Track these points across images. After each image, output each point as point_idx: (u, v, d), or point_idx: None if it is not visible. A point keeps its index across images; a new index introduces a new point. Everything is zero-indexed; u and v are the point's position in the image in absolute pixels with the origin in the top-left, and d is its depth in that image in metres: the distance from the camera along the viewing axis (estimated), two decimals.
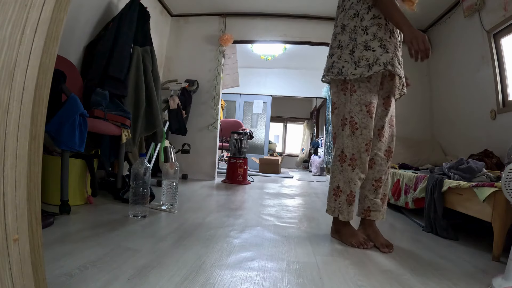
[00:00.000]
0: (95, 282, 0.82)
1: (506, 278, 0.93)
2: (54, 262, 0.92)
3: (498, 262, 1.24)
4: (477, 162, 1.68)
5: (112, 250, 1.07)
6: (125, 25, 2.29)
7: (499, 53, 2.49)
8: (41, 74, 0.53)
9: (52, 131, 1.48)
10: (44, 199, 1.67)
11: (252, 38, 3.86)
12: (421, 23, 3.60)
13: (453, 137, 3.18)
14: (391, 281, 0.97)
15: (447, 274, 1.06)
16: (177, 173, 1.88)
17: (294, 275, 0.97)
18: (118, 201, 1.95)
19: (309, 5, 3.53)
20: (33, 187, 0.54)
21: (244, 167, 3.55)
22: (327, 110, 5.86)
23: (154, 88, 2.51)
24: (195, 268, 0.97)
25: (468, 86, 2.90)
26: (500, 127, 2.44)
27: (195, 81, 3.58)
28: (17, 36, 0.49)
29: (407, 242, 1.50)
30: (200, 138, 3.67)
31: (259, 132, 7.26)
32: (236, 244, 1.26)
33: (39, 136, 0.55)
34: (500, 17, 2.37)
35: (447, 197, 1.64)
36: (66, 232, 1.27)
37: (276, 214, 1.94)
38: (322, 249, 1.28)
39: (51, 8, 0.53)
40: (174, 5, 3.67)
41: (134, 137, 2.34)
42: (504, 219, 1.24)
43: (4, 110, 0.48)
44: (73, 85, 1.92)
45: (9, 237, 0.49)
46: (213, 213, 1.82)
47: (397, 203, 2.21)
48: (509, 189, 1.00)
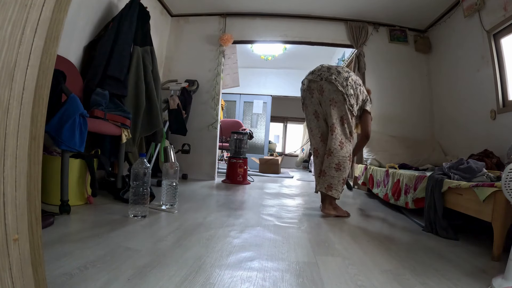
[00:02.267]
0: (95, 282, 0.82)
1: (506, 278, 0.93)
2: (54, 262, 0.92)
3: (498, 262, 1.24)
4: (477, 162, 1.68)
5: (112, 250, 1.07)
6: (125, 25, 2.29)
7: (499, 53, 2.49)
8: (41, 74, 0.53)
9: (52, 131, 1.48)
10: (44, 199, 1.67)
11: (252, 38, 3.87)
12: (421, 23, 3.60)
13: (453, 137, 3.18)
14: (391, 281, 0.97)
15: (447, 274, 1.06)
16: (177, 173, 1.88)
17: (294, 275, 0.97)
18: (118, 201, 1.95)
19: (309, 5, 3.53)
20: (33, 187, 0.54)
21: (244, 167, 3.55)
22: None
23: (154, 88, 2.51)
24: (195, 268, 0.97)
25: (468, 86, 2.91)
26: (500, 127, 2.45)
27: (195, 81, 3.58)
28: (17, 36, 0.49)
29: (407, 242, 1.50)
30: (200, 138, 3.68)
31: (259, 132, 7.26)
32: (236, 244, 1.26)
33: (39, 136, 0.55)
34: (500, 17, 2.38)
35: (447, 197, 1.64)
36: (66, 232, 1.27)
37: (276, 214, 1.94)
38: (322, 249, 1.28)
39: (51, 8, 0.53)
40: (174, 5, 3.67)
41: (134, 137, 2.34)
42: (504, 219, 1.24)
43: (4, 110, 0.48)
44: (73, 85, 1.92)
45: (9, 237, 0.49)
46: (213, 213, 1.82)
47: (397, 203, 2.21)
48: (509, 189, 1.00)
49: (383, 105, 3.63)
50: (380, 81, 3.66)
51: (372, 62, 3.65)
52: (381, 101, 3.64)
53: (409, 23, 3.65)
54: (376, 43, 3.70)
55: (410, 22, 3.64)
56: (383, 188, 2.54)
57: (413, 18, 3.52)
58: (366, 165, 3.19)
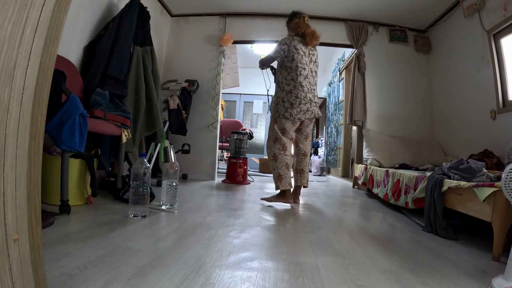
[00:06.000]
0: (95, 282, 0.82)
1: (506, 278, 0.93)
2: (54, 262, 0.92)
3: (498, 262, 1.24)
4: (477, 162, 1.68)
5: (112, 250, 1.07)
6: (125, 25, 2.29)
7: (499, 53, 2.49)
8: (41, 74, 0.53)
9: (52, 131, 1.48)
10: (44, 199, 1.67)
11: (252, 38, 3.87)
12: (421, 23, 3.60)
13: (453, 137, 3.18)
14: (391, 281, 0.97)
15: (447, 274, 1.06)
16: (177, 173, 1.88)
17: (294, 275, 0.97)
18: (118, 201, 1.95)
19: (309, 5, 3.52)
20: (33, 187, 0.54)
21: (244, 167, 3.55)
22: (327, 110, 5.86)
23: (154, 88, 2.51)
24: (195, 268, 0.97)
25: (468, 86, 2.91)
26: (500, 127, 2.44)
27: (195, 81, 3.58)
28: (17, 36, 0.49)
29: (407, 242, 1.50)
30: (200, 138, 3.67)
31: (259, 132, 7.26)
32: (236, 244, 1.26)
33: (39, 136, 0.55)
34: (500, 17, 2.38)
35: (447, 197, 1.64)
36: (66, 232, 1.27)
37: (276, 214, 1.94)
38: (322, 249, 1.28)
39: (51, 8, 0.53)
40: (174, 5, 3.67)
41: (134, 137, 2.34)
42: (504, 219, 1.24)
43: (4, 110, 0.48)
44: (73, 85, 1.92)
45: (9, 237, 0.49)
46: (213, 213, 1.82)
47: (397, 203, 2.21)
48: (509, 189, 1.00)
49: (383, 105, 3.63)
50: (380, 81, 3.66)
51: (372, 62, 3.65)
52: (381, 101, 3.64)
53: (409, 23, 3.65)
54: (376, 43, 3.70)
55: (410, 22, 3.64)
56: (383, 188, 2.54)
57: (413, 18, 3.52)
58: (366, 165, 3.19)
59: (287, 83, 2.30)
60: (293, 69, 2.29)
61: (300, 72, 2.29)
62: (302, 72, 2.29)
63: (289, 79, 2.30)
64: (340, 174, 5.02)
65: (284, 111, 2.29)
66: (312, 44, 2.39)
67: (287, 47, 2.31)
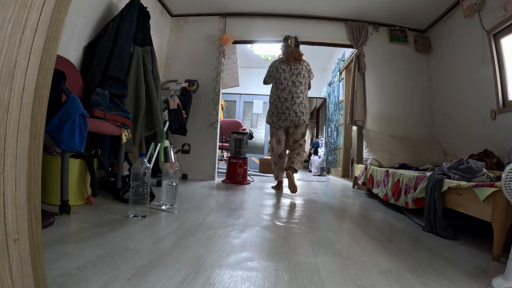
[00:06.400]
0: (95, 282, 0.82)
1: (506, 278, 0.93)
2: (54, 262, 0.92)
3: (498, 262, 1.24)
4: (477, 162, 1.68)
5: (112, 250, 1.07)
6: (125, 25, 2.29)
7: (499, 53, 2.49)
8: (41, 74, 0.53)
9: (52, 131, 1.48)
10: (44, 199, 1.67)
11: (252, 38, 3.87)
12: (421, 23, 3.60)
13: (453, 137, 3.18)
14: (391, 281, 0.97)
15: (447, 274, 1.06)
16: (177, 173, 1.87)
17: (294, 275, 0.97)
18: (118, 201, 1.95)
19: (309, 5, 3.53)
20: (33, 187, 0.54)
21: (244, 167, 3.55)
22: (327, 110, 5.86)
23: (154, 88, 2.51)
24: (195, 268, 0.97)
25: (468, 86, 2.91)
26: (500, 127, 2.44)
27: (195, 81, 3.58)
28: (17, 36, 0.49)
29: (407, 242, 1.50)
30: (200, 138, 3.67)
31: (259, 132, 7.26)
32: (236, 244, 1.26)
33: (39, 136, 0.55)
34: (500, 17, 2.38)
35: (447, 197, 1.64)
36: (66, 232, 1.27)
37: (276, 214, 1.94)
38: (322, 249, 1.28)
39: (51, 8, 0.53)
40: (174, 5, 3.67)
41: (134, 137, 2.34)
42: (504, 219, 1.24)
43: (4, 110, 0.48)
44: (73, 85, 1.92)
45: (9, 237, 0.49)
46: (213, 213, 1.82)
47: (397, 203, 2.21)
48: (509, 189, 1.00)
49: (383, 105, 3.63)
50: (380, 81, 3.66)
51: (372, 62, 3.65)
52: (381, 101, 3.64)
53: (409, 23, 3.65)
54: (376, 43, 3.70)
55: (410, 22, 3.64)
56: (383, 188, 2.55)
57: (413, 18, 3.52)
58: (366, 165, 3.19)
59: (272, 96, 2.96)
60: (274, 85, 2.95)
61: (278, 86, 2.89)
62: (279, 86, 2.88)
63: (272, 93, 2.95)
64: (340, 174, 5.02)
65: (269, 119, 2.99)
66: (290, 61, 2.91)
67: (272, 68, 2.98)
